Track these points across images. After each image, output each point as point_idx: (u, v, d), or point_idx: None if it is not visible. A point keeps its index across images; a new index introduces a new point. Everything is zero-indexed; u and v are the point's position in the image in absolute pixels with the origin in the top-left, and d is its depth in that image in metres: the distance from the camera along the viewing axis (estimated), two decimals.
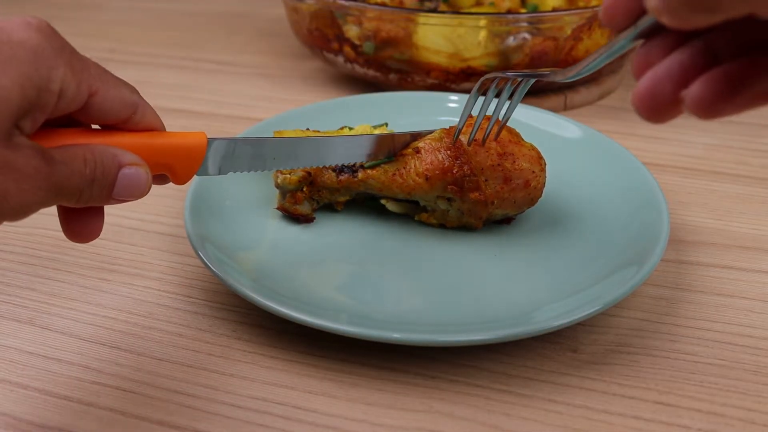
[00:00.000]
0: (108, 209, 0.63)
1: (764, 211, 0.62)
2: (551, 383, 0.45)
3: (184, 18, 1.11)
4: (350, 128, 0.61)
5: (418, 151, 0.55)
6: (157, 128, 0.40)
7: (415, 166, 0.55)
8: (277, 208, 0.58)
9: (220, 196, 0.58)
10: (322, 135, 0.57)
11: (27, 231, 0.61)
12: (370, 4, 0.77)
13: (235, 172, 0.46)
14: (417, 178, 0.55)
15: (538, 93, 0.80)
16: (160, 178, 0.42)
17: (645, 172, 0.59)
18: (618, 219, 0.56)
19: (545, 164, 0.56)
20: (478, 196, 0.54)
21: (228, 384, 0.46)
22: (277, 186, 0.57)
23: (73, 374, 0.47)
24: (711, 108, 0.31)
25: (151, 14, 1.12)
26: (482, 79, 0.51)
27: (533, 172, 0.55)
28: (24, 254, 0.58)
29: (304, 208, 0.57)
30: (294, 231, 0.57)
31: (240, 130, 0.68)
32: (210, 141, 0.43)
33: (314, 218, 0.58)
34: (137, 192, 0.38)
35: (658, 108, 0.33)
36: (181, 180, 0.42)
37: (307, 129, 0.60)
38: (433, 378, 0.46)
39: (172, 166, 0.41)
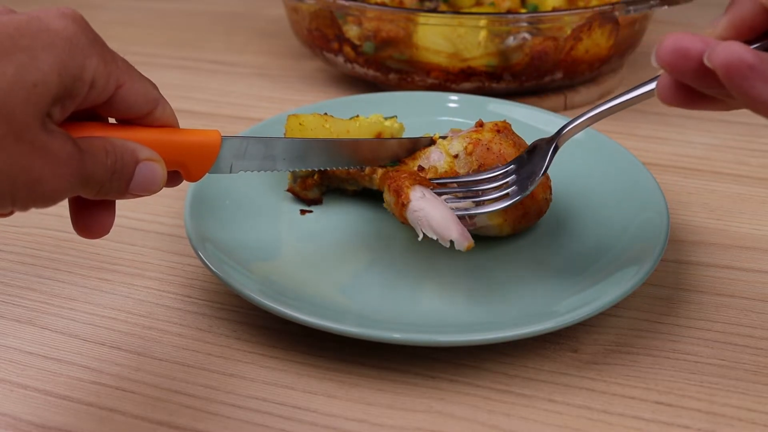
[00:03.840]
0: None
1: (764, 211, 0.62)
2: (551, 383, 0.45)
3: (184, 18, 1.11)
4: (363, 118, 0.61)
5: (421, 169, 0.55)
6: (174, 125, 0.41)
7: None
8: (288, 191, 0.60)
9: (220, 196, 0.58)
10: (333, 138, 0.58)
11: (27, 231, 0.61)
12: (370, 4, 0.77)
13: (246, 171, 0.46)
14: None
15: (538, 93, 0.80)
16: (173, 177, 0.42)
17: (645, 172, 0.59)
18: (618, 219, 0.56)
19: (551, 182, 0.56)
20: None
21: (228, 384, 0.46)
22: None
23: (73, 374, 0.47)
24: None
25: (152, 14, 1.12)
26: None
27: (546, 199, 0.55)
28: (24, 254, 0.58)
29: (313, 193, 0.60)
30: (294, 231, 0.57)
31: (240, 130, 0.68)
32: (224, 139, 0.43)
33: (322, 201, 0.60)
34: (153, 187, 0.39)
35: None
36: (193, 177, 0.42)
37: (325, 114, 0.60)
38: (433, 378, 0.46)
39: (186, 164, 0.41)
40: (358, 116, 0.61)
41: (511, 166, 0.51)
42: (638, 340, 0.49)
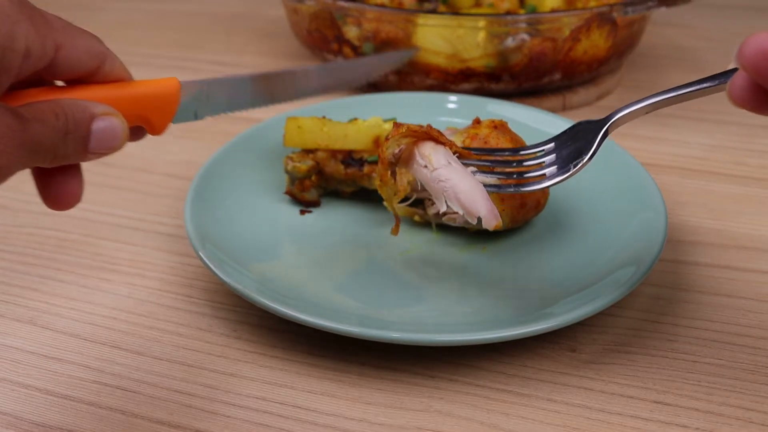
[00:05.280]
0: (108, 209, 0.63)
1: (762, 212, 0.62)
2: (550, 383, 0.46)
3: (184, 19, 1.11)
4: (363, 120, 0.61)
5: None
6: (126, 79, 0.39)
7: None
8: (286, 193, 0.60)
9: (220, 195, 0.58)
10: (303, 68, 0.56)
11: (28, 231, 0.61)
12: (369, 5, 0.78)
13: (213, 115, 0.44)
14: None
15: (537, 94, 0.80)
16: (137, 132, 0.40)
17: (643, 173, 0.59)
18: (616, 219, 0.56)
19: None
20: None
21: (228, 383, 0.46)
22: (287, 172, 0.59)
23: (74, 374, 0.47)
24: None
25: (152, 15, 1.12)
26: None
27: (543, 191, 0.55)
28: (24, 254, 0.58)
29: (311, 195, 0.60)
30: (294, 231, 0.58)
31: (240, 130, 0.69)
32: (183, 85, 0.41)
33: (320, 203, 0.60)
34: (114, 143, 0.37)
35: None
36: (157, 130, 0.40)
37: (323, 117, 0.60)
38: (433, 378, 0.46)
39: (147, 116, 0.40)
40: (356, 119, 0.61)
41: (550, 145, 0.46)
42: (637, 339, 0.49)
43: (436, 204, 0.49)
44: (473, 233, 0.57)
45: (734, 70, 0.36)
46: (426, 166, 0.46)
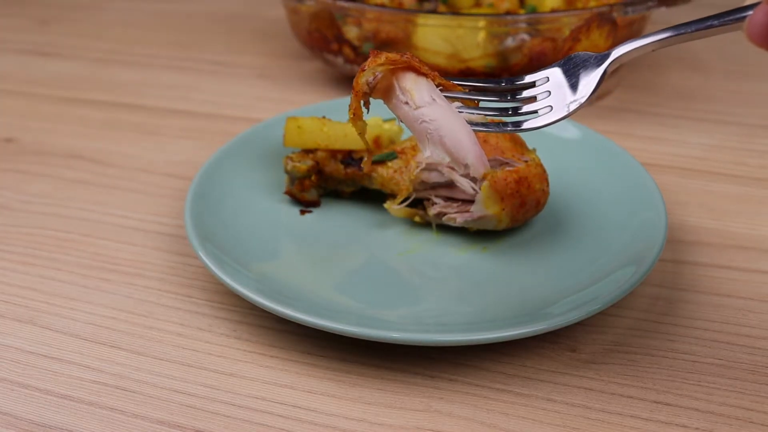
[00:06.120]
0: (108, 209, 0.63)
1: (762, 212, 0.62)
2: (550, 382, 0.46)
3: (184, 19, 1.11)
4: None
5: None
6: None
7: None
8: (285, 193, 0.60)
9: (220, 195, 0.58)
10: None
11: (28, 231, 0.61)
12: (369, 5, 0.78)
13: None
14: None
15: None
16: None
17: (643, 173, 0.59)
18: (616, 219, 0.56)
19: (547, 174, 0.56)
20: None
21: (228, 383, 0.46)
22: (287, 172, 0.59)
23: (74, 373, 0.47)
24: None
25: (152, 15, 1.12)
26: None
27: (543, 190, 0.55)
28: (25, 254, 0.58)
29: (311, 195, 0.60)
30: (294, 231, 0.58)
31: (240, 130, 0.69)
32: None
33: (320, 203, 0.60)
34: None
35: None
36: None
37: (323, 117, 0.60)
38: (433, 378, 0.46)
39: None
40: None
41: (543, 76, 0.42)
42: (636, 339, 0.49)
43: (421, 151, 0.44)
44: (473, 233, 0.57)
45: (751, 6, 0.32)
46: (407, 103, 0.41)
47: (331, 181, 0.60)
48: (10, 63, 0.96)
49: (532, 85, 0.42)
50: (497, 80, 0.43)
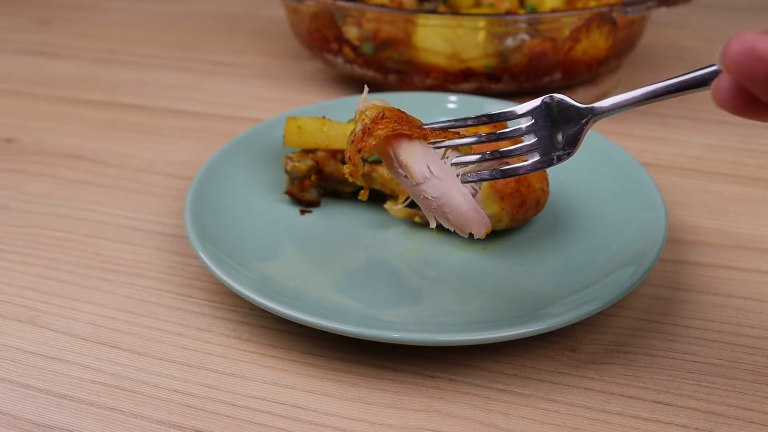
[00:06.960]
0: (108, 209, 0.63)
1: (762, 212, 0.62)
2: (550, 382, 0.46)
3: (184, 19, 1.11)
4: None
5: None
6: None
7: None
8: (285, 193, 0.60)
9: (220, 195, 0.58)
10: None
11: (28, 231, 0.61)
12: (369, 5, 0.78)
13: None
14: None
15: (537, 94, 0.80)
16: None
17: (643, 173, 0.59)
18: (616, 219, 0.56)
19: (547, 174, 0.56)
20: None
21: (228, 383, 0.46)
22: (287, 172, 0.59)
23: (74, 373, 0.47)
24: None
25: (152, 15, 1.13)
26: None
27: (542, 190, 0.55)
28: (25, 254, 0.58)
29: (311, 195, 0.60)
30: (294, 231, 0.58)
31: (240, 130, 0.69)
32: None
33: (320, 203, 0.60)
34: None
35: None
36: None
37: (323, 117, 0.60)
38: (433, 378, 0.46)
39: None
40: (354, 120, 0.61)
41: (528, 123, 0.42)
42: (636, 339, 0.49)
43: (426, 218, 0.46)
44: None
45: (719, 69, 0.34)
46: (407, 176, 0.42)
47: (331, 181, 0.60)
48: (10, 63, 0.96)
49: (518, 120, 0.42)
50: (483, 116, 0.44)
